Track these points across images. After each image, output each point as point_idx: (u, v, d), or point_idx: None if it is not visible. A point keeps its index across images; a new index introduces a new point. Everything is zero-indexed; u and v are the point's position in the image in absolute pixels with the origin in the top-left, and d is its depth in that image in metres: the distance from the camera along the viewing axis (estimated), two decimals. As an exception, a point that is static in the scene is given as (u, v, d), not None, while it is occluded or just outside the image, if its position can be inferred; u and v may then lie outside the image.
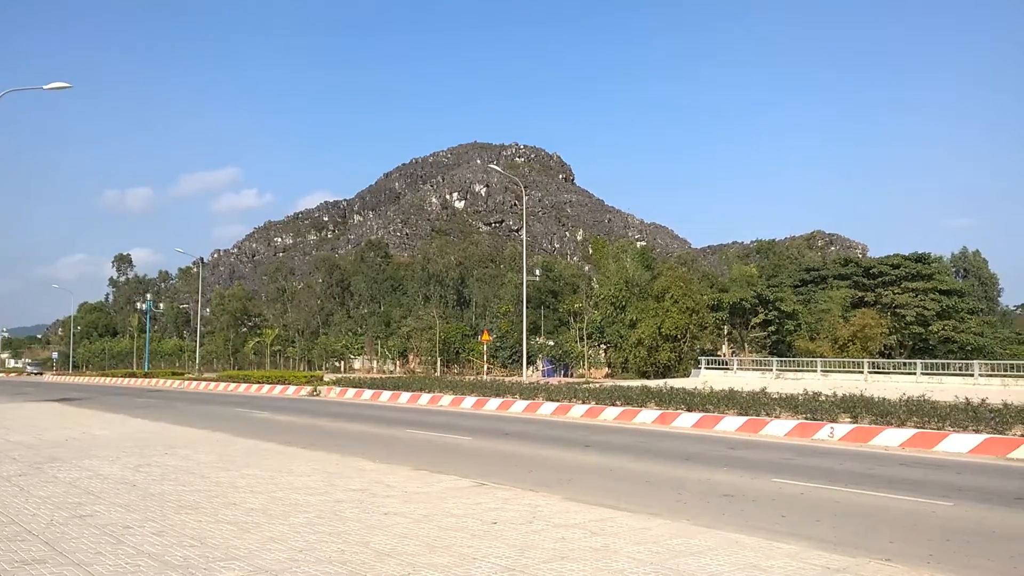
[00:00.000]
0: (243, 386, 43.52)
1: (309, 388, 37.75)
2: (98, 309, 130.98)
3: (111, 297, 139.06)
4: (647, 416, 21.55)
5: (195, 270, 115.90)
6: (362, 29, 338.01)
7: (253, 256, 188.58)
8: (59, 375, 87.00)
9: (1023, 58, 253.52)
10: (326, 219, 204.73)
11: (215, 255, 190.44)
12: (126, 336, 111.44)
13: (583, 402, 24.43)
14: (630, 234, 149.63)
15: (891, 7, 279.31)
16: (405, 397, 31.02)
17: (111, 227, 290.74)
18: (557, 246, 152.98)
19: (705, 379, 39.71)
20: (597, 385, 31.09)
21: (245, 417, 24.16)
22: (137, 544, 6.95)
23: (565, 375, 57.56)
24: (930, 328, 65.73)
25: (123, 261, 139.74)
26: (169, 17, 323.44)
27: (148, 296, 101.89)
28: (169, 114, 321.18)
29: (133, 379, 60.08)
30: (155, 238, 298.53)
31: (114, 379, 63.28)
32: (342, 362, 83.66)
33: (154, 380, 55.64)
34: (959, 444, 15.30)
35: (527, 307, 48.27)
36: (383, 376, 52.16)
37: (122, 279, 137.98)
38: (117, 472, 11.52)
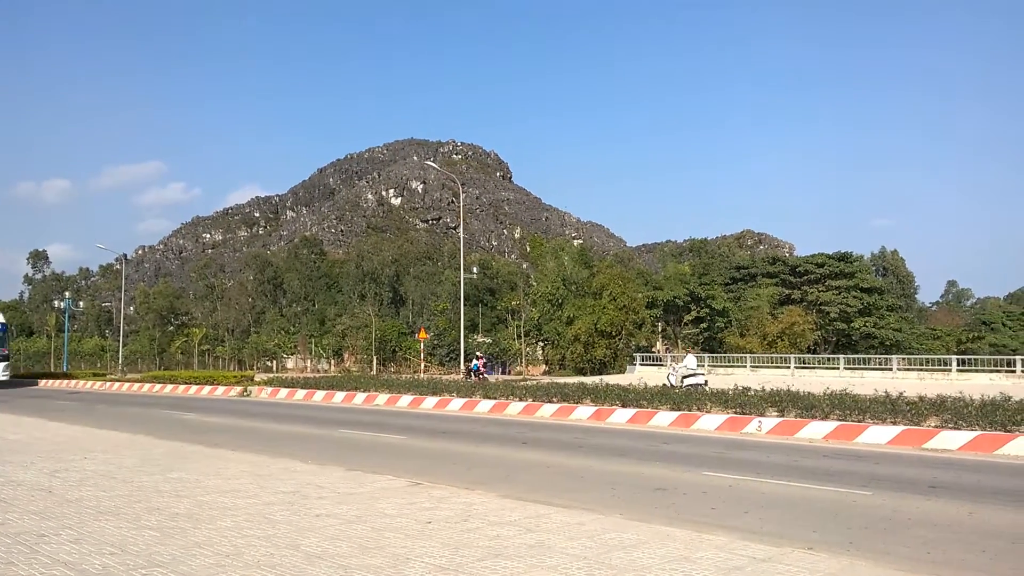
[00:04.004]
0: (169, 387, 42.08)
1: (239, 388, 36.79)
2: (12, 308, 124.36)
3: (26, 295, 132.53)
4: (583, 412, 21.79)
5: (117, 267, 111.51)
6: (294, 20, 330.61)
7: (180, 253, 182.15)
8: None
9: (941, 64, 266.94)
10: (257, 215, 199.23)
11: (140, 251, 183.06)
12: (43, 336, 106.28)
13: (520, 399, 24.52)
14: (567, 232, 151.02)
15: (811, 5, 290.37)
16: (339, 397, 30.53)
17: (26, 221, 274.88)
18: (495, 244, 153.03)
19: (640, 375, 40.45)
20: (534, 382, 31.27)
21: (171, 419, 23.36)
22: (53, 553, 6.63)
23: (503, 372, 57.71)
24: (852, 324, 68.54)
25: (39, 257, 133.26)
26: (93, 4, 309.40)
27: (67, 294, 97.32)
28: (90, 103, 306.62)
29: (52, 380, 57.36)
30: (74, 233, 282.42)
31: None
32: (274, 361, 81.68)
33: (74, 381, 53.29)
34: (878, 436, 15.98)
35: (465, 305, 48.19)
36: (317, 375, 51.22)
37: (38, 276, 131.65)
38: (31, 478, 10.97)
